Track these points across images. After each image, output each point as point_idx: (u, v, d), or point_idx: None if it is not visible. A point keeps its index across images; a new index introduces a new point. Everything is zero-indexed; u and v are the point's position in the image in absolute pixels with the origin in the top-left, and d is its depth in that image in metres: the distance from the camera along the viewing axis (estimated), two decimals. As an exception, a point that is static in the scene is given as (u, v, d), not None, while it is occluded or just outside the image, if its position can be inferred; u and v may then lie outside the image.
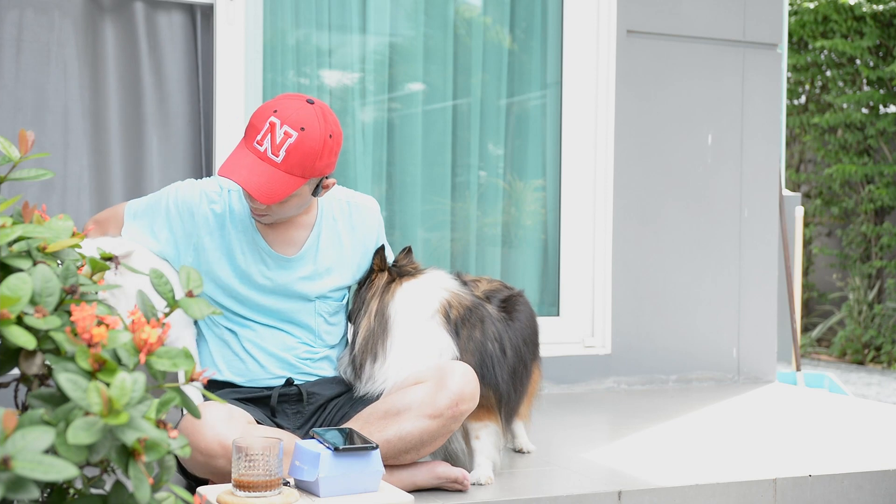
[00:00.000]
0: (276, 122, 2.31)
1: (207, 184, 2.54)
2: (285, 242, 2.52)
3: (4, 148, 1.64)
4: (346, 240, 2.59)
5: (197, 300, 1.54)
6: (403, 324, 2.47)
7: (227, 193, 2.51)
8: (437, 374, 2.37)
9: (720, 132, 4.31)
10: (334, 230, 2.58)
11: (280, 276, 2.51)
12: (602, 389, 4.09)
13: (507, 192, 4.16)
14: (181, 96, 3.57)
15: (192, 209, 2.49)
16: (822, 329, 8.50)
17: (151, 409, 1.35)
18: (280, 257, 2.50)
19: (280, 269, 2.51)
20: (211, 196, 2.50)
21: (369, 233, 2.63)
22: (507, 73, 4.13)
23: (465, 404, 2.35)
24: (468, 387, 2.36)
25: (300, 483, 2.11)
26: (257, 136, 2.32)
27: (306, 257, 2.53)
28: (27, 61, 3.37)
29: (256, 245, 2.49)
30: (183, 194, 2.50)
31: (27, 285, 1.37)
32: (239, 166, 2.31)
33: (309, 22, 3.80)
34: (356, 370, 2.50)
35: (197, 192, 2.51)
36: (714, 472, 2.69)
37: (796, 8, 8.47)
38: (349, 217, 2.61)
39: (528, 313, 2.71)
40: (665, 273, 4.21)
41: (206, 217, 2.48)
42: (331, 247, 2.56)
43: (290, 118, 2.31)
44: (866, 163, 8.20)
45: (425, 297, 2.50)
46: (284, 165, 2.30)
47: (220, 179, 2.53)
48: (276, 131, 2.30)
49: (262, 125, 2.32)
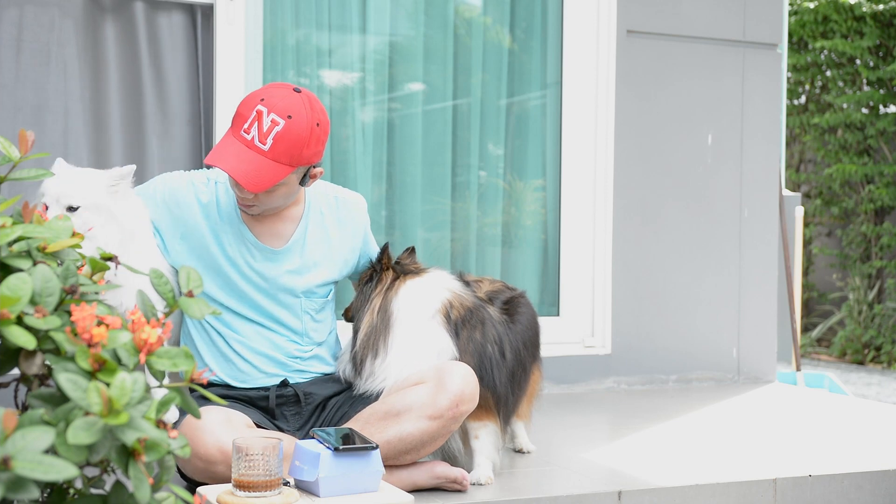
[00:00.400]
0: (263, 110, 2.30)
1: (196, 174, 2.54)
2: (272, 235, 2.52)
3: (4, 148, 1.64)
4: (333, 234, 2.59)
5: (197, 300, 1.54)
6: (405, 321, 2.47)
7: (215, 185, 2.51)
8: (436, 375, 2.36)
9: (720, 132, 4.31)
10: (321, 224, 2.57)
11: (267, 269, 2.50)
12: (602, 389, 4.09)
13: (507, 192, 4.16)
14: (181, 96, 3.57)
15: (178, 198, 2.48)
16: (822, 329, 8.50)
17: (151, 409, 1.35)
18: (267, 249, 2.50)
19: (267, 261, 2.50)
20: (198, 186, 2.50)
21: (356, 228, 2.63)
22: (507, 73, 4.13)
23: (465, 405, 2.35)
24: (468, 388, 2.36)
25: (300, 483, 2.11)
26: (244, 124, 2.31)
27: (293, 250, 2.52)
28: (27, 61, 3.37)
29: (243, 237, 2.49)
30: (170, 183, 2.51)
31: (27, 285, 1.37)
32: (226, 154, 2.30)
33: (309, 22, 3.80)
34: (356, 366, 2.49)
35: (184, 182, 2.51)
36: (714, 472, 2.69)
37: (796, 8, 8.47)
38: (336, 211, 2.61)
39: (529, 315, 2.71)
40: (665, 273, 4.21)
41: (190, 206, 2.48)
42: (318, 240, 2.56)
43: (276, 106, 2.30)
44: (866, 163, 8.20)
45: (428, 296, 2.50)
46: (272, 153, 2.30)
47: (209, 171, 2.54)
48: (264, 119, 2.30)
49: (250, 113, 2.31)
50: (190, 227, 2.48)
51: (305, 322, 2.56)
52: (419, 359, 2.44)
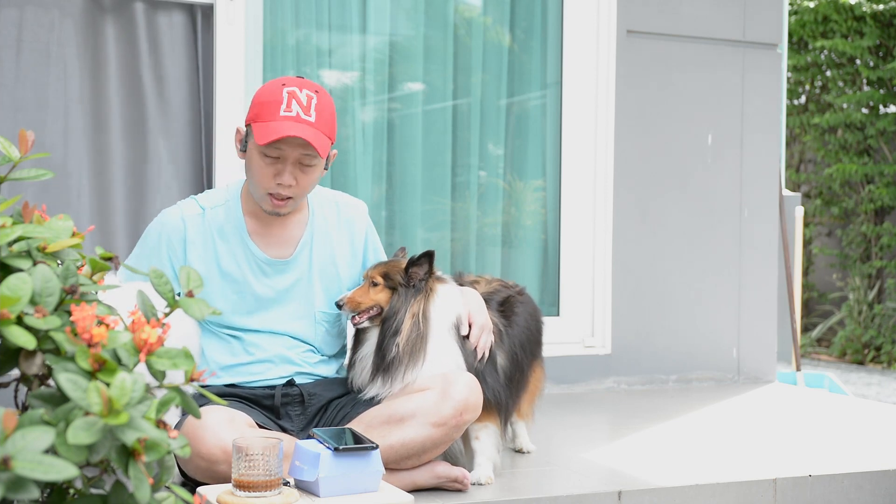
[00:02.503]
0: (293, 89, 2.36)
1: (186, 207, 2.51)
2: (281, 243, 2.52)
3: (4, 148, 1.64)
4: (335, 238, 2.59)
5: (197, 300, 1.54)
6: (438, 329, 2.44)
7: (211, 210, 2.49)
8: (441, 383, 2.36)
9: (720, 132, 4.31)
10: (325, 230, 2.58)
11: (280, 282, 2.51)
12: (602, 389, 4.09)
13: (507, 192, 4.16)
14: (181, 96, 3.57)
15: (172, 236, 2.46)
16: (822, 329, 8.49)
17: (151, 409, 1.35)
18: (276, 262, 2.50)
19: (278, 273, 2.51)
20: (191, 218, 2.48)
21: (358, 233, 2.63)
22: (507, 73, 4.13)
23: (468, 414, 2.35)
24: (472, 397, 2.36)
25: (300, 483, 2.11)
26: (280, 107, 2.34)
27: (300, 258, 2.53)
28: (27, 61, 3.37)
29: (252, 254, 2.49)
30: (167, 228, 2.47)
31: (27, 285, 1.37)
32: (283, 128, 2.33)
33: (309, 22, 3.80)
34: (389, 371, 2.41)
35: (177, 218, 2.48)
36: (714, 472, 2.69)
37: (796, 8, 8.47)
38: (338, 216, 2.61)
39: (527, 313, 2.69)
40: (665, 273, 4.21)
41: (185, 241, 2.46)
42: (324, 245, 2.57)
43: (302, 84, 2.39)
44: (866, 163, 8.20)
45: (453, 305, 2.49)
46: (318, 124, 2.36)
47: (199, 199, 2.52)
48: (299, 96, 2.36)
49: (280, 97, 2.35)
50: (191, 260, 2.45)
51: (319, 333, 2.57)
52: (445, 367, 2.43)
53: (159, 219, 2.50)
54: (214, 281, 2.47)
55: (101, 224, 3.46)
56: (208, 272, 2.46)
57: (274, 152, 2.36)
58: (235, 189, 2.55)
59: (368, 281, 2.50)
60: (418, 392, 2.38)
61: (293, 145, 2.35)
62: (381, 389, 2.43)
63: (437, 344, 2.44)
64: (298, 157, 2.37)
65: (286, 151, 2.36)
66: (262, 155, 2.38)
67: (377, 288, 2.48)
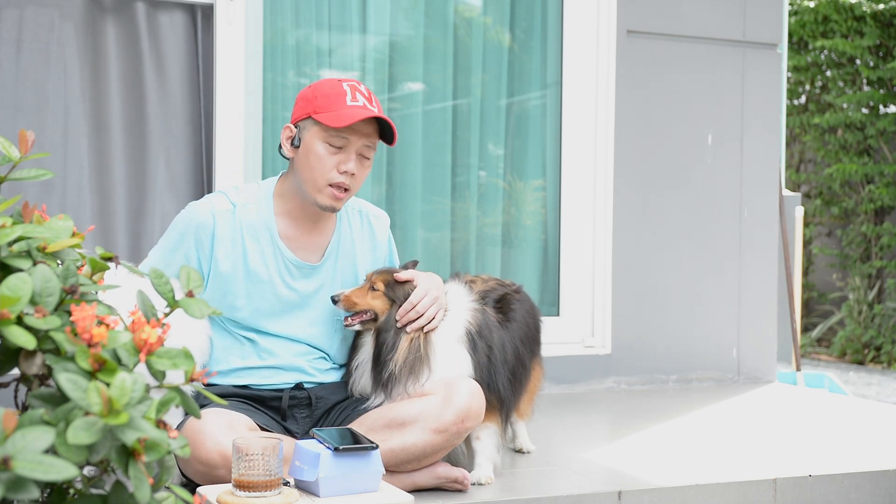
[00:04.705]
0: (353, 83, 2.43)
1: (216, 202, 2.48)
2: (310, 248, 2.52)
3: (4, 148, 1.64)
4: (359, 247, 2.60)
5: (197, 300, 1.54)
6: (443, 343, 2.43)
7: (242, 207, 2.47)
8: (443, 389, 2.36)
9: (720, 132, 4.31)
10: (350, 237, 2.59)
11: (305, 286, 2.50)
12: (602, 389, 4.09)
13: (507, 192, 4.15)
14: (181, 96, 3.57)
15: (200, 230, 2.44)
16: (822, 329, 8.50)
17: (151, 409, 1.35)
18: (305, 266, 2.50)
19: (304, 277, 2.51)
20: (221, 213, 2.45)
21: (381, 244, 2.65)
22: (507, 73, 4.13)
23: (470, 421, 2.35)
24: (475, 403, 2.35)
25: (300, 483, 2.11)
26: (346, 97, 2.39)
27: (327, 264, 2.53)
28: (27, 61, 3.37)
29: (282, 256, 2.48)
30: (196, 221, 2.44)
31: (27, 285, 1.37)
32: (358, 113, 2.37)
33: (309, 22, 3.80)
34: (386, 386, 2.40)
35: (207, 212, 2.45)
36: (714, 472, 2.69)
37: (796, 8, 8.47)
38: (361, 225, 2.62)
39: (524, 311, 2.66)
40: (665, 273, 4.21)
41: (213, 236, 2.44)
42: (348, 253, 2.58)
43: (355, 81, 2.45)
44: (866, 163, 8.20)
45: (457, 317, 2.48)
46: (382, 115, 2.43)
47: (230, 194, 2.49)
48: (360, 89, 2.43)
49: (342, 90, 2.40)
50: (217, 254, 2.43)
51: (335, 341, 2.57)
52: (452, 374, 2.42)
53: (187, 212, 2.47)
54: (239, 279, 2.45)
55: (101, 224, 3.46)
56: (234, 270, 2.45)
57: (339, 141, 2.39)
58: (268, 189, 2.52)
59: (369, 284, 2.48)
60: (421, 396, 2.37)
61: (360, 134, 2.40)
62: (382, 400, 2.43)
63: (444, 356, 2.42)
64: (360, 148, 2.42)
65: (352, 140, 2.40)
66: (327, 144, 2.39)
67: (376, 293, 2.45)
